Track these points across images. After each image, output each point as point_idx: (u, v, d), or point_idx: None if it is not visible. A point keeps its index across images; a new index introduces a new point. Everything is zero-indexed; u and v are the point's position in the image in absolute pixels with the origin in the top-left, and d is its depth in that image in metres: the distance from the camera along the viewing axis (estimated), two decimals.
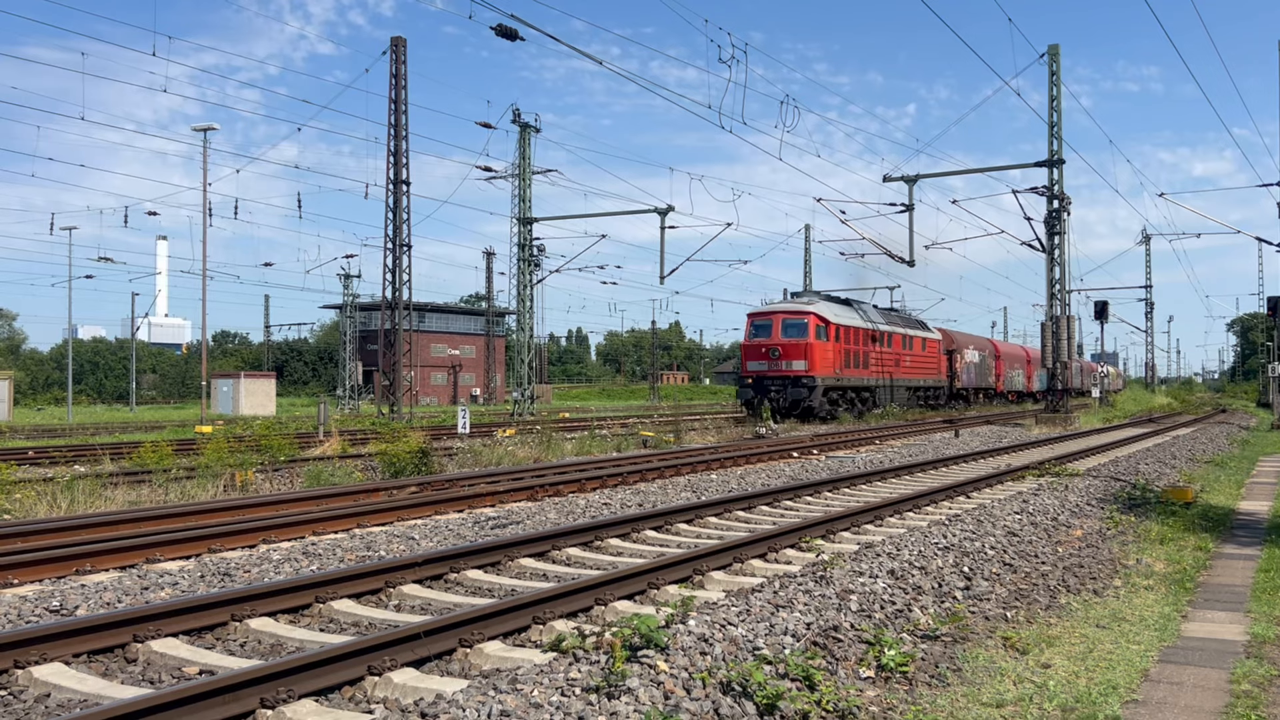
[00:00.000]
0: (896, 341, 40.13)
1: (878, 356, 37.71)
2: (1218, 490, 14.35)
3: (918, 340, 43.01)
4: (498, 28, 15.42)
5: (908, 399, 41.36)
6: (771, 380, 32.92)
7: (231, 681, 4.38)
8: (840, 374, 34.15)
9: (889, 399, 38.65)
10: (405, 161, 30.02)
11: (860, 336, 36.28)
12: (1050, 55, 32.18)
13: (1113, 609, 6.92)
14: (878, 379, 37.79)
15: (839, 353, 34.05)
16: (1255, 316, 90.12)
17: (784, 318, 33.58)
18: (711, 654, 4.95)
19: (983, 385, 52.50)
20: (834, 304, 36.21)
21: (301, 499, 11.55)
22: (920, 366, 42.98)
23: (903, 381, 40.69)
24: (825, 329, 33.56)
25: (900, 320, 42.47)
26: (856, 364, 35.59)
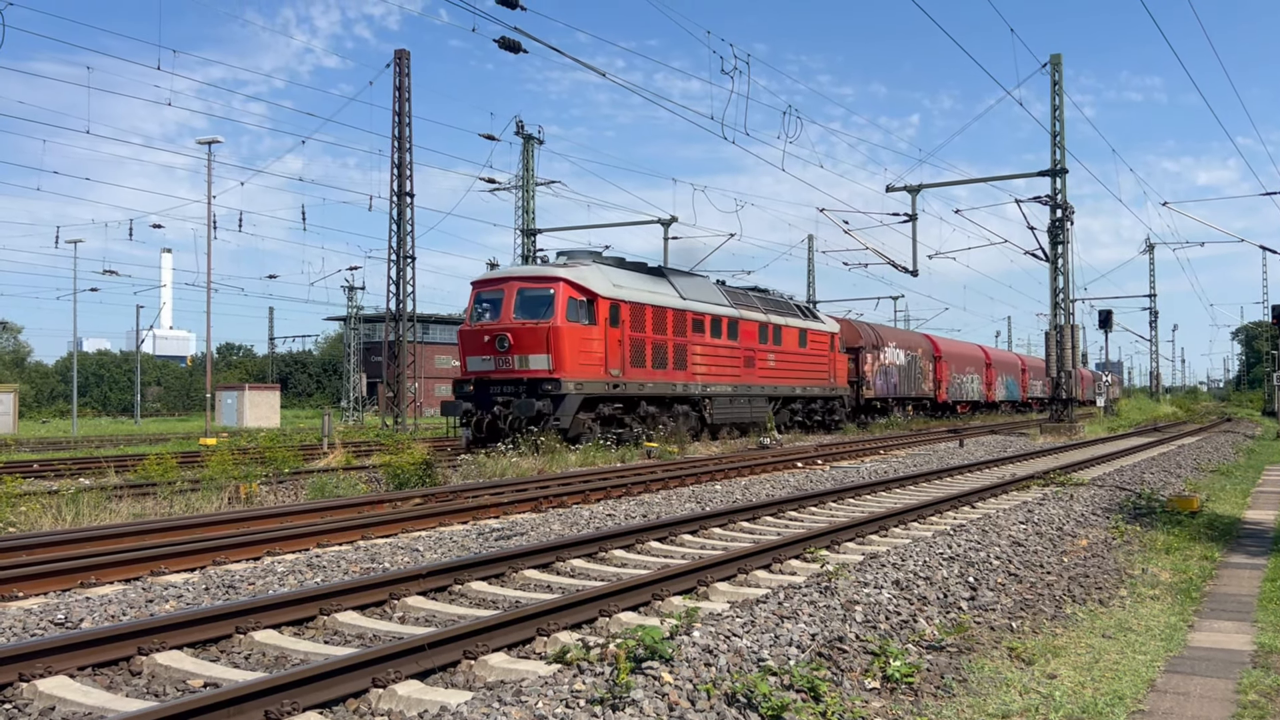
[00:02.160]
0: (748, 332, 28.48)
1: (707, 352, 26.36)
2: (1223, 499, 14.31)
3: (790, 332, 31.18)
4: (501, 40, 15.48)
5: (771, 413, 29.98)
6: (498, 386, 21.52)
7: (236, 694, 4.38)
8: (623, 377, 22.70)
9: (729, 412, 27.35)
10: (409, 174, 30.10)
11: (672, 322, 24.81)
12: (1052, 65, 32.22)
13: (1119, 619, 6.90)
14: (707, 384, 26.21)
15: (624, 344, 22.79)
16: (1260, 325, 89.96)
17: (520, 287, 21.83)
18: (716, 665, 4.94)
19: (912, 395, 42.41)
20: (621, 270, 24.31)
21: (306, 511, 11.55)
22: (795, 368, 31.35)
23: (760, 389, 29.04)
24: (590, 306, 21.99)
25: (763, 303, 30.56)
26: (661, 362, 24.13)
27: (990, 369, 54.50)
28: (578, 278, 21.92)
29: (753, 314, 29.10)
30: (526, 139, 38.55)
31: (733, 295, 28.87)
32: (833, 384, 34.38)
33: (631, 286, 23.70)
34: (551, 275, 21.96)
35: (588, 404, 21.80)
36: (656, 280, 25.49)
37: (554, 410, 20.77)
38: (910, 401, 42.76)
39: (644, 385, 23.66)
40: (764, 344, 29.37)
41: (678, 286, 25.99)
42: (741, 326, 28.23)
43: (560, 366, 21.12)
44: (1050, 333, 33.24)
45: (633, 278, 24.37)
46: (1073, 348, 32.81)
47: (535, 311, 21.55)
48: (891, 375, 40.26)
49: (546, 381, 21.02)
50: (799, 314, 32.77)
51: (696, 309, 26.02)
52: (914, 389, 42.94)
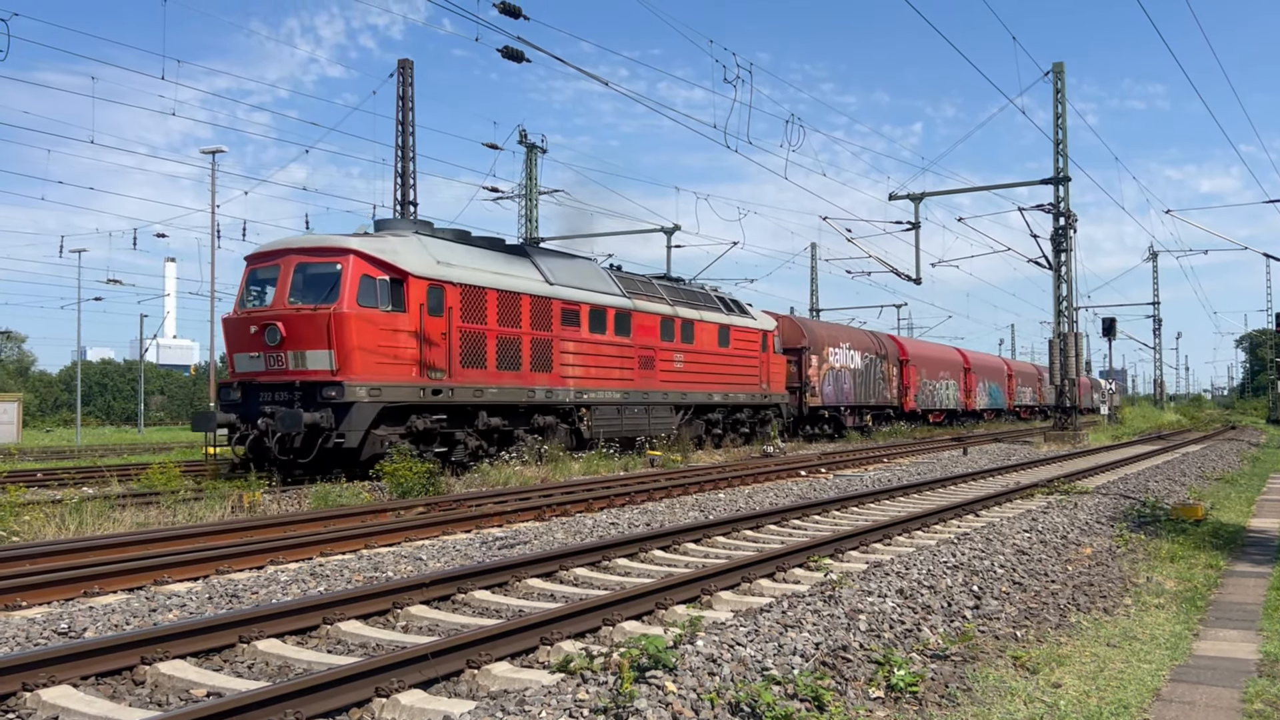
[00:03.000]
0: (645, 327, 23.53)
1: (585, 350, 21.42)
2: (1228, 507, 14.27)
3: (706, 328, 26.15)
4: (504, 50, 15.51)
5: (681, 424, 25.07)
6: (269, 392, 16.62)
7: (239, 704, 4.38)
8: (450, 380, 17.77)
9: (615, 424, 22.52)
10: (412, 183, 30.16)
11: (530, 311, 19.82)
12: (1055, 73, 32.25)
13: (1123, 627, 6.88)
14: (583, 390, 21.34)
15: (452, 338, 17.85)
16: (1264, 333, 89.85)
17: (299, 261, 16.91)
18: (720, 674, 4.93)
19: (870, 403, 37.81)
20: (455, 245, 19.38)
21: (309, 520, 11.55)
22: (713, 370, 26.42)
23: (661, 396, 24.11)
24: (397, 288, 17.08)
25: (669, 293, 25.59)
26: (512, 361, 19.25)
27: (969, 374, 50.22)
28: (377, 250, 17.01)
29: (653, 305, 24.16)
30: (530, 148, 38.62)
31: (627, 282, 24.10)
32: (765, 390, 29.08)
33: (467, 265, 18.71)
34: (338, 246, 16.88)
35: (392, 415, 16.89)
36: (513, 260, 20.53)
37: (335, 423, 15.95)
38: (869, 410, 38.14)
39: (482, 391, 18.50)
40: (668, 341, 24.46)
41: (544, 268, 21.00)
42: (637, 320, 23.27)
43: (346, 366, 16.16)
44: (1054, 341, 33.20)
45: (474, 254, 19.36)
46: (1076, 356, 32.77)
47: (316, 294, 16.58)
48: (843, 380, 35.54)
49: (328, 385, 16.07)
50: (721, 307, 27.83)
51: (568, 297, 21.03)
52: (874, 396, 38.36)
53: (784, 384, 30.66)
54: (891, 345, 41.32)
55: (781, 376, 30.53)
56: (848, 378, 35.98)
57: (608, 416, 22.31)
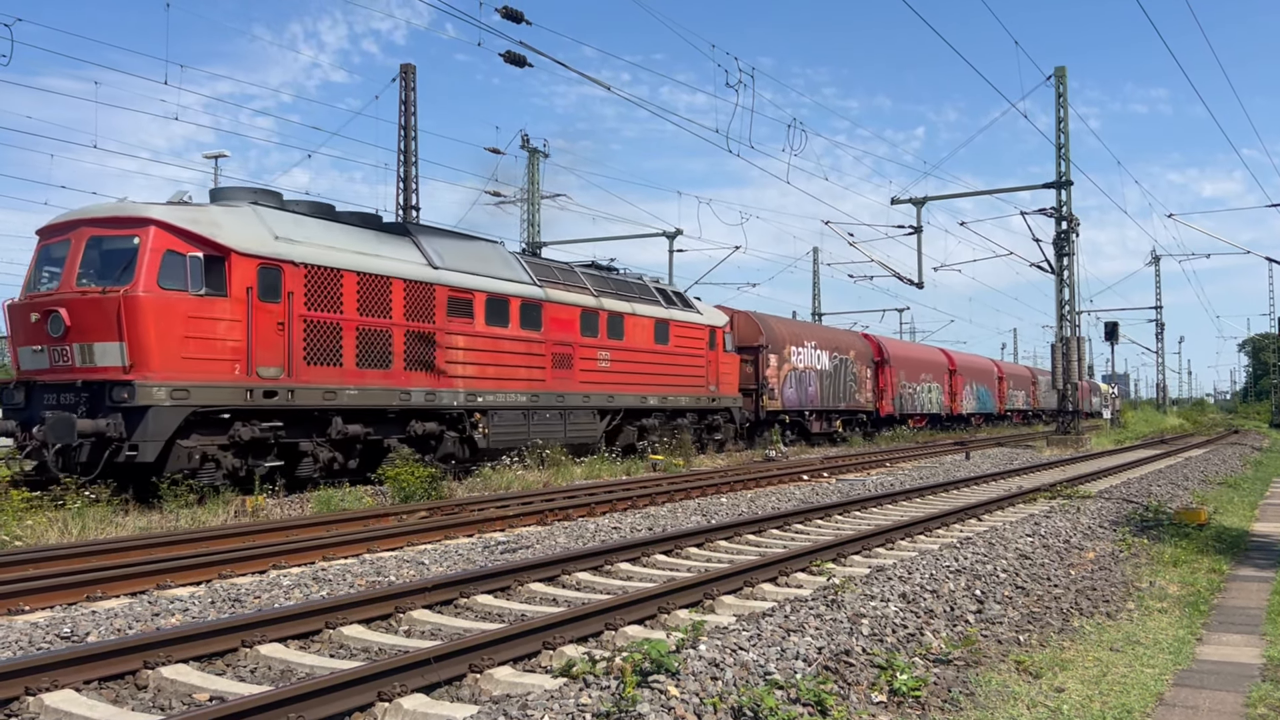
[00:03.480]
0: (562, 321, 20.71)
1: (481, 346, 18.50)
2: (1231, 512, 14.26)
3: (640, 323, 23.35)
4: (507, 54, 15.54)
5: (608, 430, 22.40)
6: (54, 393, 13.73)
7: (241, 708, 4.38)
8: (289, 379, 14.88)
9: (521, 431, 19.40)
10: (415, 187, 30.19)
11: (404, 299, 16.90)
12: (1057, 77, 32.27)
13: (1126, 632, 6.87)
14: (478, 392, 18.37)
15: (292, 329, 14.96)
16: (1267, 337, 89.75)
17: (92, 234, 14.06)
18: (722, 679, 4.93)
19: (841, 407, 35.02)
20: (307, 219, 16.16)
21: (311, 524, 11.56)
22: (648, 370, 23.58)
23: (582, 399, 21.16)
24: (215, 267, 14.28)
25: (594, 282, 22.75)
26: (380, 358, 16.38)
27: (956, 376, 47.30)
28: (189, 221, 14.10)
29: (572, 296, 21.25)
30: (532, 152, 38.69)
31: (540, 269, 21.16)
32: (713, 392, 26.28)
33: (319, 242, 15.64)
34: (136, 215, 13.98)
35: (207, 421, 13.95)
36: (387, 239, 17.39)
37: (126, 432, 13.06)
38: (840, 415, 35.28)
39: (336, 392, 15.45)
40: (591, 337, 21.61)
41: (428, 249, 17.95)
42: (550, 313, 20.38)
43: (142, 361, 13.29)
44: (1056, 345, 33.20)
45: (331, 231, 16.28)
46: (1079, 360, 32.75)
47: (108, 274, 13.66)
48: (808, 382, 32.57)
49: (118, 386, 13.16)
50: (660, 300, 24.99)
51: (458, 283, 18.01)
52: (845, 399, 35.56)
53: (737, 386, 27.79)
54: (865, 345, 38.63)
55: (734, 377, 27.63)
56: (813, 379, 33.02)
57: (511, 423, 19.23)
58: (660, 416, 24.43)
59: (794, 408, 31.61)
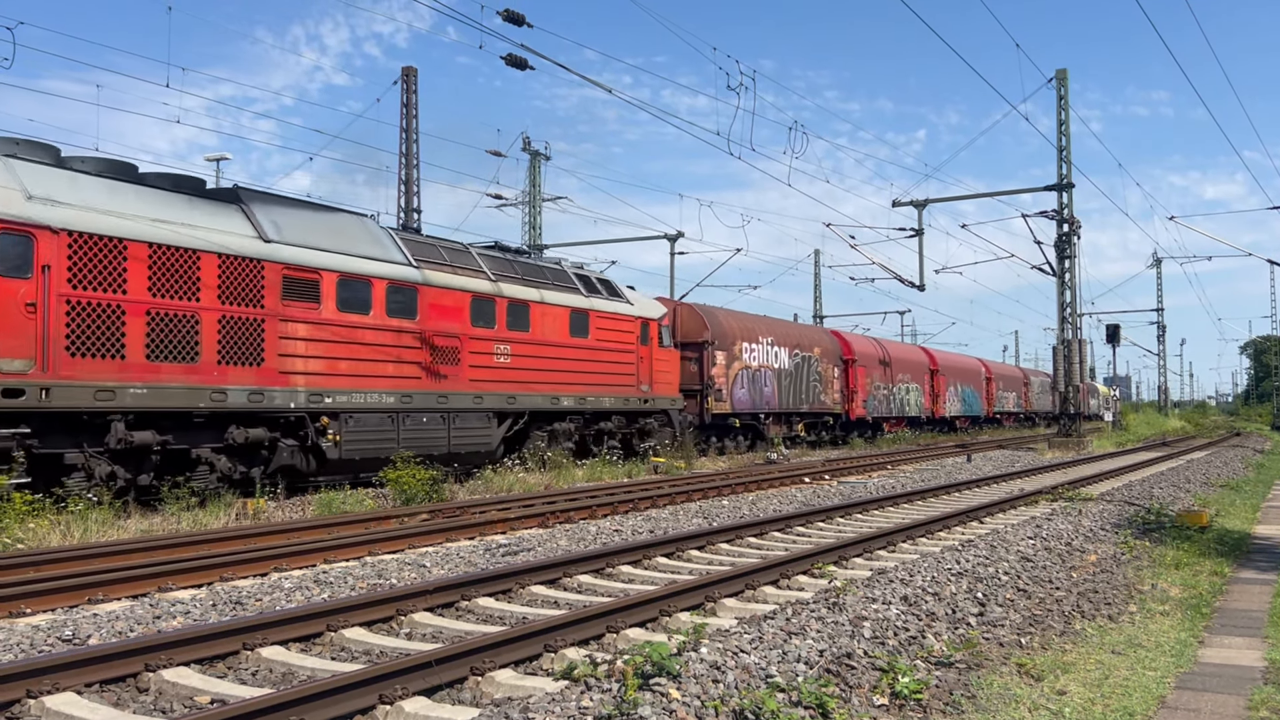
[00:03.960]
0: (445, 308, 17.66)
1: (330, 336, 15.61)
2: (1233, 514, 14.25)
3: (552, 313, 20.22)
4: (508, 57, 15.55)
5: (508, 435, 19.05)
6: None
7: (242, 711, 4.38)
8: (40, 375, 12.01)
9: (387, 438, 16.32)
10: (416, 190, 30.22)
11: (222, 277, 14.22)
12: (1058, 80, 32.27)
13: (1128, 635, 6.86)
14: (326, 391, 15.39)
15: (48, 313, 12.16)
16: (1268, 339, 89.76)
17: None
18: (724, 682, 4.93)
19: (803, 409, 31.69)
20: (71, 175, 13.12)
21: (313, 527, 11.56)
22: (563, 367, 20.40)
23: (474, 400, 18.07)
24: None
25: (493, 265, 19.50)
26: (186, 351, 13.62)
27: (938, 376, 43.92)
28: None
29: (459, 279, 18.07)
30: (533, 155, 38.73)
31: (417, 248, 17.88)
32: (646, 393, 23.25)
33: (98, 206, 12.93)
34: None
35: None
36: (202, 207, 14.47)
37: None
38: (802, 418, 32.26)
39: (114, 391, 12.68)
40: (485, 328, 18.43)
41: (261, 220, 14.90)
42: (429, 298, 17.30)
43: None
44: (1058, 347, 33.19)
45: (119, 193, 13.39)
46: (1080, 362, 32.74)
47: None
48: (764, 382, 29.42)
49: None
50: (579, 287, 21.81)
51: (299, 260, 14.96)
52: (808, 401, 32.29)
53: (677, 385, 24.87)
54: (832, 342, 35.49)
55: (673, 376, 24.69)
56: (770, 380, 29.88)
57: (373, 428, 16.10)
58: (578, 420, 21.27)
59: (746, 410, 28.52)
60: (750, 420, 28.95)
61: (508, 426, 19.11)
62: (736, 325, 28.76)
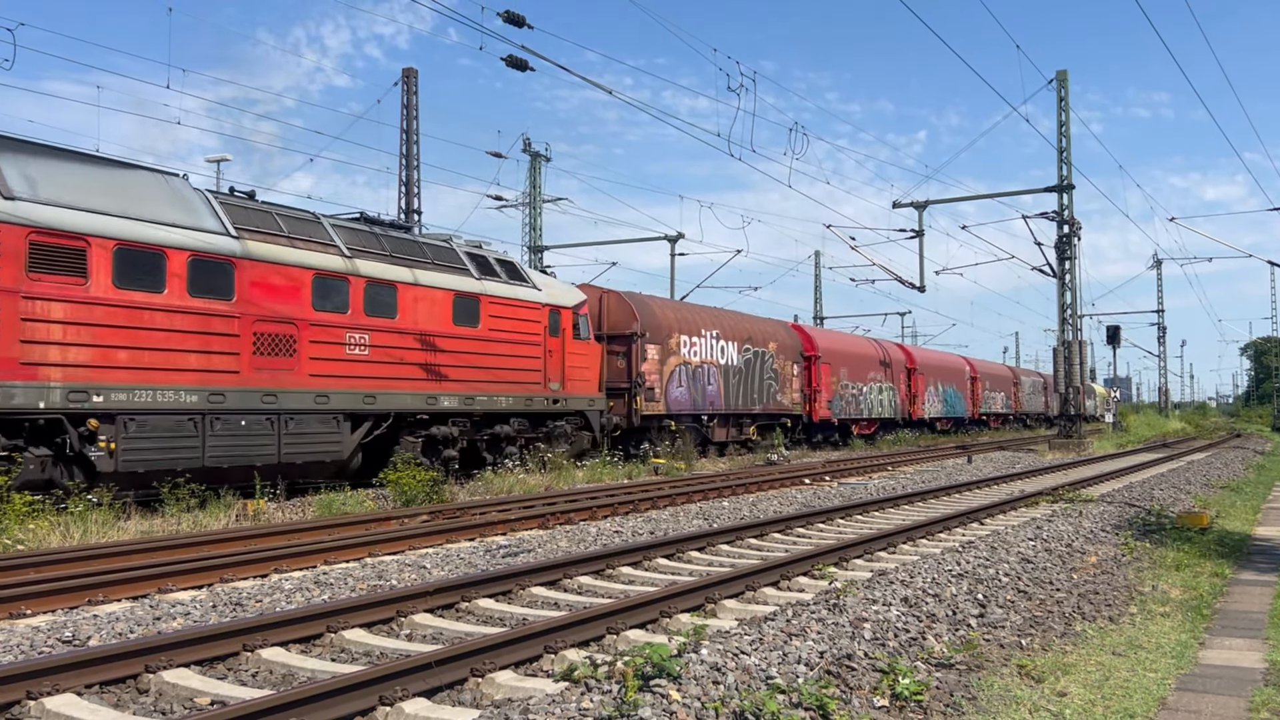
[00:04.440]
0: (276, 287, 14.76)
1: (98, 319, 12.61)
2: (1234, 516, 14.24)
3: (424, 297, 17.15)
4: (508, 59, 15.55)
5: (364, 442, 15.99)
6: None
7: (242, 712, 4.38)
8: None
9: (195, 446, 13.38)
10: (417, 191, 30.23)
11: None
12: (1059, 81, 32.28)
13: (1129, 636, 6.86)
14: (92, 386, 12.34)
15: None
16: (1269, 340, 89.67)
17: None
18: (724, 683, 4.92)
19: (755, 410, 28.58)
20: None
21: (313, 528, 11.56)
22: (442, 361, 17.38)
23: (312, 399, 15.06)
24: None
25: (352, 238, 16.62)
26: None
27: (915, 375, 40.61)
28: None
29: (299, 254, 15.08)
30: (534, 156, 38.73)
31: (244, 215, 14.91)
32: (556, 391, 20.22)
33: None
34: None
35: None
36: None
37: None
38: (755, 420, 29.09)
39: None
40: (334, 311, 15.47)
41: (6, 173, 12.12)
42: (252, 274, 14.40)
43: None
44: (1058, 348, 33.19)
45: None
46: (1080, 363, 32.74)
47: None
48: (706, 380, 26.34)
49: None
50: (468, 268, 18.50)
51: (56, 223, 12.30)
52: (761, 401, 29.08)
53: (597, 383, 21.86)
54: (792, 336, 32.27)
55: (592, 372, 21.66)
56: (715, 376, 26.74)
57: (166, 434, 13.16)
58: (462, 423, 18.11)
59: (685, 411, 25.43)
60: (691, 423, 25.89)
61: (365, 431, 15.99)
62: (673, 316, 25.72)
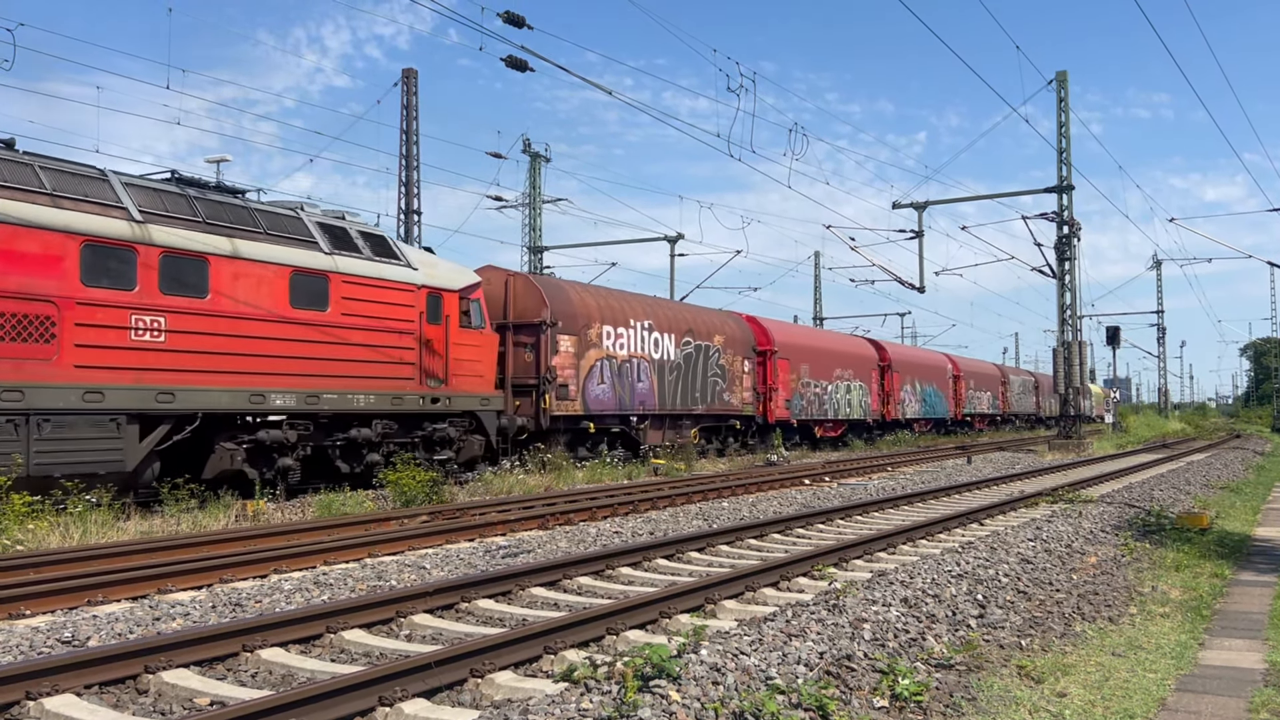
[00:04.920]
0: (24, 257, 11.72)
1: None
2: (1233, 516, 14.24)
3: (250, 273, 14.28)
4: (508, 59, 15.54)
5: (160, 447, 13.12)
6: None
7: (242, 713, 4.38)
8: None
9: None
10: (416, 191, 30.22)
11: None
12: (1058, 82, 32.28)
13: (1129, 637, 6.86)
14: None
15: None
16: (1269, 341, 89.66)
17: None
18: (724, 684, 4.92)
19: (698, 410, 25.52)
20: None
21: (312, 528, 11.55)
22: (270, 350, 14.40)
23: (80, 396, 12.10)
24: None
25: (149, 198, 13.53)
26: None
27: (890, 373, 37.63)
28: None
29: (63, 216, 12.33)
30: (533, 156, 38.73)
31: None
32: (435, 389, 17.27)
33: None
34: None
35: None
36: None
37: None
38: (698, 421, 26.03)
39: None
40: (116, 288, 12.77)
41: None
42: None
43: None
44: (1058, 349, 33.20)
45: None
46: (1080, 364, 32.74)
47: None
48: (636, 376, 23.35)
49: None
50: (315, 239, 15.64)
51: None
52: (705, 400, 25.97)
53: (491, 379, 18.91)
54: (742, 329, 28.85)
55: (486, 367, 18.71)
56: (646, 372, 23.69)
57: None
58: (305, 426, 15.26)
59: (609, 411, 22.48)
60: (617, 424, 23.06)
61: (161, 436, 13.24)
62: (594, 304, 22.51)
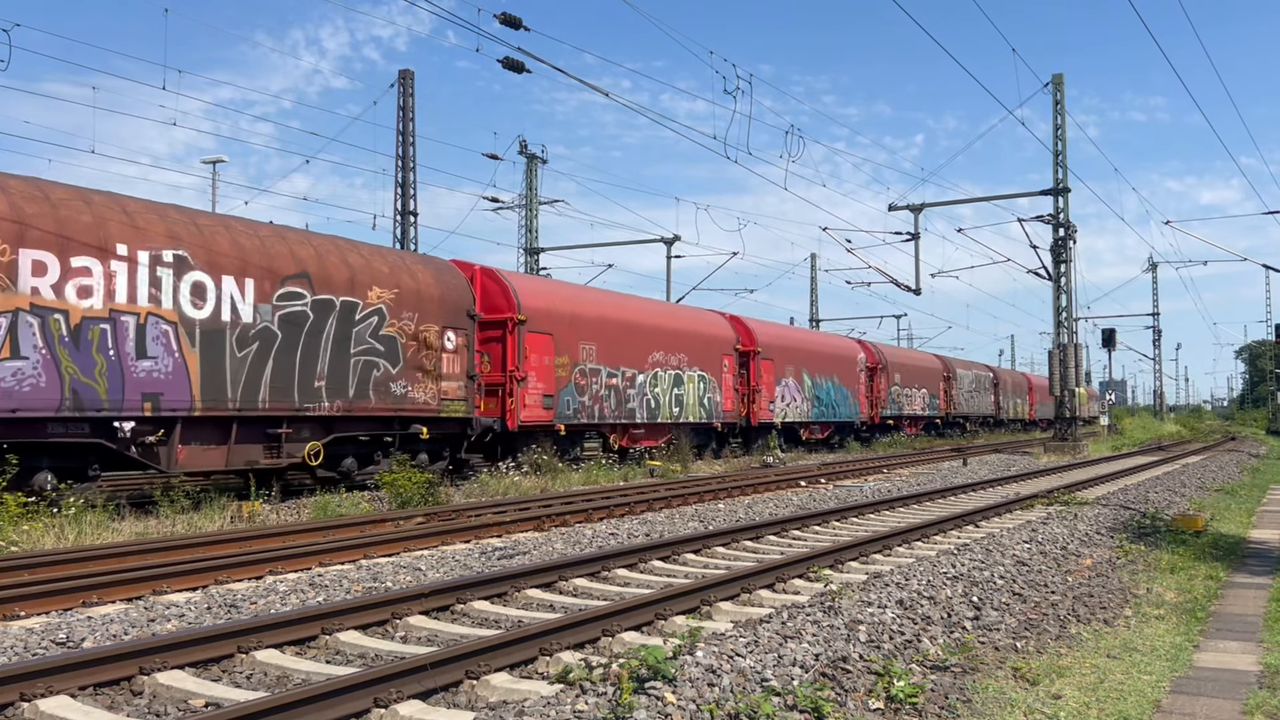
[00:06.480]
0: None
1: None
2: (1228, 519, 14.26)
3: None
4: (505, 60, 15.54)
5: None
6: None
7: (237, 714, 4.37)
8: None
9: None
10: (413, 193, 30.19)
11: None
12: (1054, 85, 32.34)
13: (1124, 639, 6.86)
14: None
15: None
16: (1264, 344, 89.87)
17: None
18: (719, 685, 4.92)
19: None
20: None
21: (308, 530, 11.53)
22: None
23: None
24: None
25: None
26: None
27: (758, 360, 29.07)
28: None
29: None
30: (530, 158, 38.71)
31: None
32: None
33: None
34: None
35: None
36: None
37: None
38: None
39: None
40: None
41: None
42: None
43: None
44: (1054, 351, 33.24)
45: None
46: (1075, 366, 32.79)
47: None
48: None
49: None
50: None
51: None
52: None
53: None
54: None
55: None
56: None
57: None
58: None
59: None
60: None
61: None
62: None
